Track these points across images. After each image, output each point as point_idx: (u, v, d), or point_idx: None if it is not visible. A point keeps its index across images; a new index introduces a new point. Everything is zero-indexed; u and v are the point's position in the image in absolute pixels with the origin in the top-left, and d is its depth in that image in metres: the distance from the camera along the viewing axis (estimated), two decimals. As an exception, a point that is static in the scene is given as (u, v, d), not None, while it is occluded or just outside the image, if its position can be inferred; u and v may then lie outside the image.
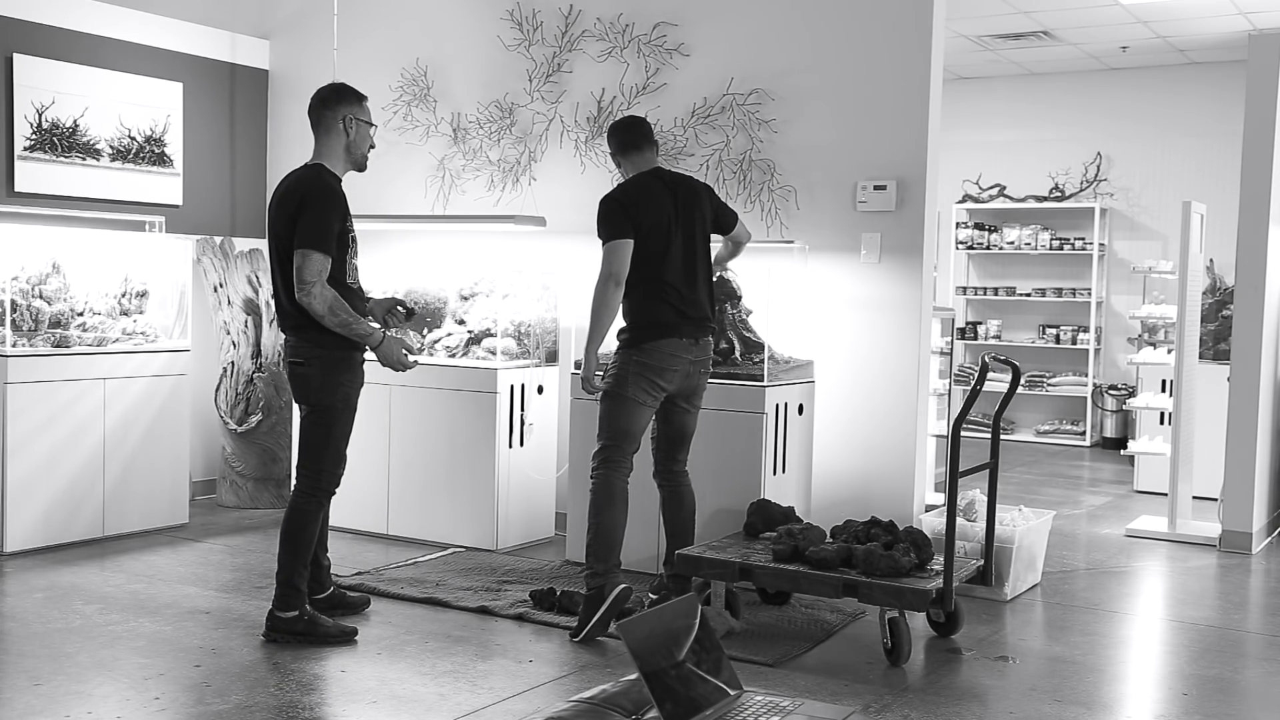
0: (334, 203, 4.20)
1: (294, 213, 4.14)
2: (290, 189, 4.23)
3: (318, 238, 4.11)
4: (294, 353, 4.27)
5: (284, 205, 4.20)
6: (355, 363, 4.34)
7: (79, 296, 6.00)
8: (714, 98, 5.85)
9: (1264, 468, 6.53)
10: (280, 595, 4.31)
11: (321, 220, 4.13)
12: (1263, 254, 6.34)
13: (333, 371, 4.26)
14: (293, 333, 4.26)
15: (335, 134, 4.31)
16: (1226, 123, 8.94)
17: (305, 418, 4.32)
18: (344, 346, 4.26)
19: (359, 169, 4.42)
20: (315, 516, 4.34)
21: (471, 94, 6.54)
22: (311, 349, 4.23)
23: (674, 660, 2.44)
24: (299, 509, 4.32)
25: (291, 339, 4.27)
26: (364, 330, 4.24)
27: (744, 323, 5.41)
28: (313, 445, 4.30)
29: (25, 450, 5.51)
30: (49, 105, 6.12)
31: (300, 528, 4.30)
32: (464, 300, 6.31)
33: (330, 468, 4.32)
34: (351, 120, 4.34)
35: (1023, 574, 5.22)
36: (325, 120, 4.32)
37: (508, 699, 3.80)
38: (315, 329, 4.19)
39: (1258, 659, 4.53)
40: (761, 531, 4.81)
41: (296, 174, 4.29)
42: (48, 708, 3.60)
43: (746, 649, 4.26)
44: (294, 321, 4.23)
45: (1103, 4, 7.70)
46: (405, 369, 4.45)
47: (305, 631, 4.26)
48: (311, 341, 4.22)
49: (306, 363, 4.24)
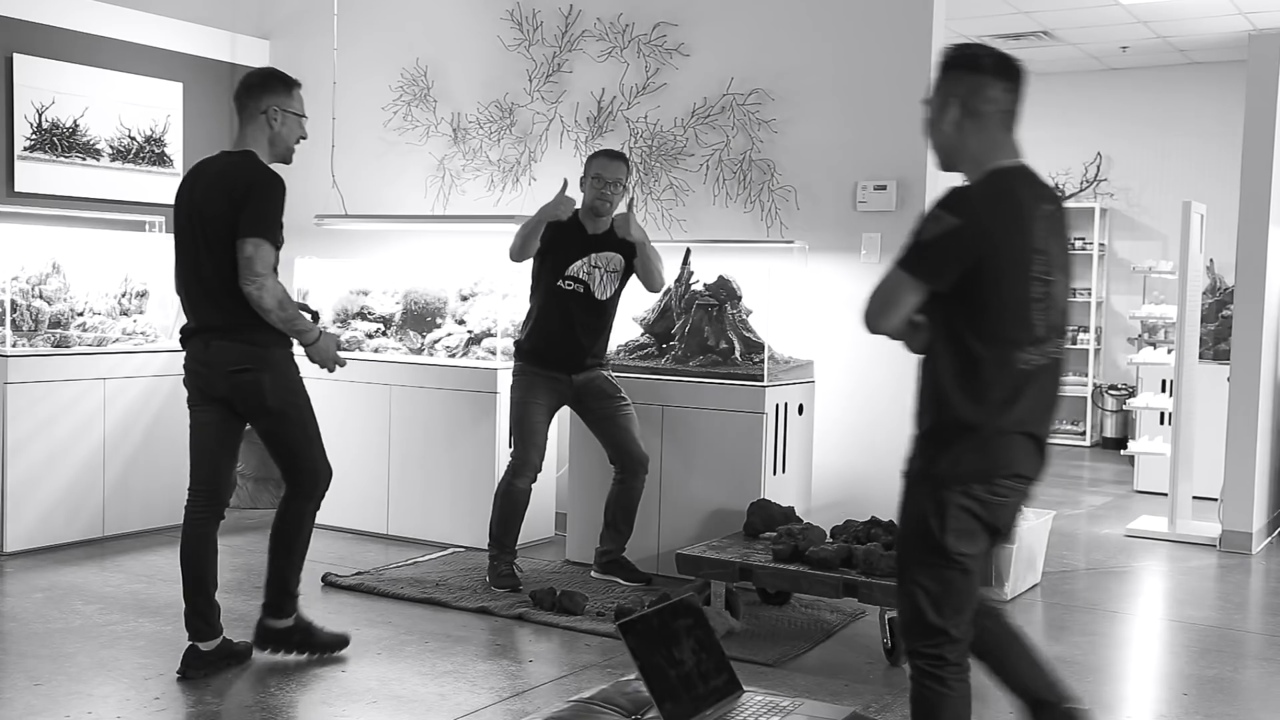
0: (282, 192, 3.85)
1: (239, 199, 3.77)
2: (228, 174, 3.85)
3: (269, 227, 3.78)
4: (233, 360, 3.85)
5: (222, 189, 3.81)
6: (293, 360, 4.01)
7: (79, 296, 6.00)
8: (714, 98, 5.85)
9: (1264, 468, 6.53)
10: (277, 604, 4.08)
11: (274, 209, 3.81)
12: (1263, 254, 6.34)
13: (284, 371, 3.94)
14: (225, 335, 3.85)
15: (258, 124, 3.92)
16: (1226, 123, 8.93)
17: (273, 426, 3.97)
18: (283, 345, 3.93)
19: (282, 161, 4.01)
20: (313, 518, 4.14)
21: (471, 94, 6.54)
22: (256, 352, 3.86)
23: (674, 660, 2.44)
24: (298, 514, 4.09)
25: (224, 343, 3.85)
26: (304, 327, 3.92)
27: (744, 323, 5.41)
28: (294, 449, 4.03)
29: (25, 450, 5.50)
30: (49, 105, 6.12)
31: (298, 530, 4.10)
32: (464, 300, 6.31)
33: (321, 461, 4.09)
34: (277, 112, 3.92)
35: (1023, 574, 5.22)
36: (248, 109, 3.94)
37: (508, 699, 3.80)
38: (253, 329, 3.82)
39: (1258, 659, 4.53)
40: (761, 531, 4.81)
41: (229, 159, 3.92)
42: (48, 708, 3.60)
43: (746, 649, 4.26)
44: (229, 320, 3.83)
45: (1103, 4, 7.69)
46: (338, 367, 4.10)
47: (300, 642, 4.10)
48: (254, 343, 3.85)
49: (254, 368, 3.86)
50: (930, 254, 2.59)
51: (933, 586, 2.61)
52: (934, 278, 2.59)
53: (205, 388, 3.93)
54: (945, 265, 2.58)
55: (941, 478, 2.61)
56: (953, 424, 2.63)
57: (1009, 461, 2.64)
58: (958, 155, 2.71)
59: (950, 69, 2.72)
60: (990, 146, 2.68)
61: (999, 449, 2.63)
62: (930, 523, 2.59)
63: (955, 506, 2.58)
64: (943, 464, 2.62)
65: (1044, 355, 2.67)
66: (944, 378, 2.64)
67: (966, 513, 2.59)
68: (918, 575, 2.63)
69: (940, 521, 2.58)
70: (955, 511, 2.58)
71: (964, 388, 2.62)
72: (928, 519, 2.59)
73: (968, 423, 2.61)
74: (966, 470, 2.60)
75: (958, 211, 2.58)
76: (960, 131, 2.69)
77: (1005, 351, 2.61)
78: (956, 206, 2.59)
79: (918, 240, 2.61)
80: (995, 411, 2.61)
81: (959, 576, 2.61)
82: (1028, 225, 2.62)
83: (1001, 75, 2.68)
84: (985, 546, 2.67)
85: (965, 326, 2.60)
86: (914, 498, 2.65)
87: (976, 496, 2.60)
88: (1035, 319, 2.63)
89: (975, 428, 2.61)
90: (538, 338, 5.08)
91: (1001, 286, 2.60)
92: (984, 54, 2.71)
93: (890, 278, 2.63)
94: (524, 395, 5.06)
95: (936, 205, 2.61)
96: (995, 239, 2.58)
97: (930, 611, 2.61)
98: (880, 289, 2.65)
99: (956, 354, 2.62)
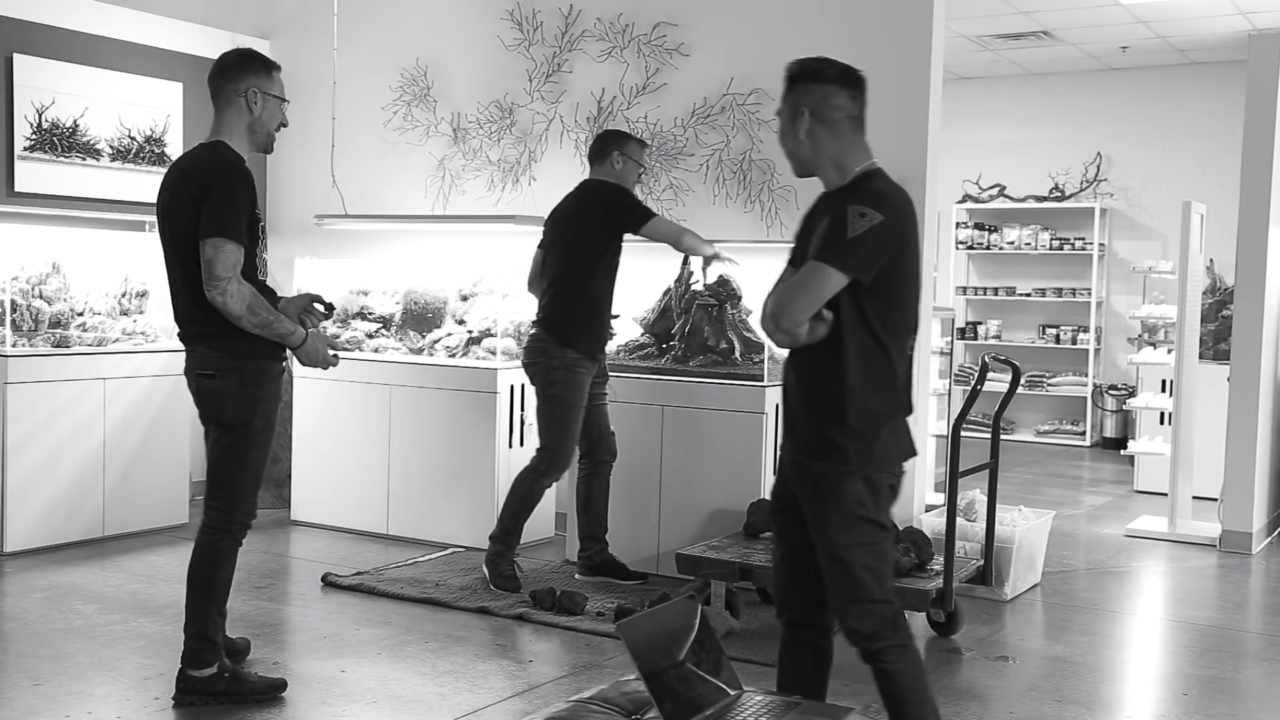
0: (244, 184, 3.59)
1: (198, 197, 3.53)
2: (188, 171, 3.64)
3: (228, 225, 3.51)
4: (201, 364, 3.66)
5: (183, 189, 3.59)
6: (274, 374, 3.72)
7: (79, 296, 6.00)
8: (714, 98, 5.85)
9: (1264, 468, 6.53)
10: (193, 652, 3.68)
11: (231, 205, 3.53)
12: (1263, 254, 6.34)
13: (250, 385, 3.65)
14: (199, 341, 3.66)
15: (236, 108, 3.66)
16: (1226, 123, 8.93)
17: (217, 440, 3.69)
18: (261, 355, 3.66)
19: (263, 150, 3.79)
20: (232, 556, 3.73)
21: (471, 94, 6.54)
22: (223, 359, 3.62)
23: (674, 660, 2.44)
24: (213, 548, 3.70)
25: (199, 349, 3.66)
26: (285, 329, 3.64)
27: (744, 323, 5.41)
28: (227, 472, 3.69)
29: (25, 450, 5.50)
30: (49, 105, 6.12)
31: (215, 570, 3.70)
32: (464, 300, 6.31)
33: (246, 497, 3.71)
34: (255, 94, 3.66)
35: (1023, 574, 5.22)
36: (224, 91, 3.67)
37: (508, 699, 3.80)
38: (226, 336, 3.60)
39: (1258, 659, 4.53)
40: (761, 531, 4.81)
41: (193, 153, 3.70)
42: (48, 708, 3.61)
43: (746, 649, 4.26)
44: (200, 328, 3.64)
45: (1103, 4, 7.69)
46: (330, 367, 3.88)
47: (227, 690, 3.69)
48: (223, 351, 3.62)
49: (219, 375, 3.63)
50: (861, 248, 2.74)
51: (872, 562, 2.82)
52: (863, 271, 2.75)
53: (191, 394, 3.76)
54: (874, 259, 2.75)
55: (875, 463, 2.81)
56: (866, 413, 2.81)
57: (910, 443, 2.92)
58: (814, 161, 2.92)
59: (797, 81, 2.96)
60: (848, 149, 2.89)
61: (905, 432, 2.89)
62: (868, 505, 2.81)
63: (885, 486, 2.84)
64: (875, 451, 2.80)
65: (913, 348, 2.93)
66: (850, 369, 2.80)
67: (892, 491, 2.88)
68: (862, 557, 2.81)
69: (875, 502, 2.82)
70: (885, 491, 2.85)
71: (869, 377, 2.81)
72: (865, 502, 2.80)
73: (877, 410, 2.82)
74: (893, 453, 2.84)
75: (881, 208, 2.76)
76: (813, 138, 2.89)
77: (902, 342, 2.86)
78: (879, 204, 2.77)
79: (846, 236, 2.74)
80: (901, 398, 2.87)
81: (891, 546, 2.91)
82: (914, 221, 2.87)
83: (846, 84, 2.92)
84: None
85: (875, 318, 2.79)
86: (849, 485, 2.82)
87: (896, 474, 2.88)
88: (914, 311, 2.90)
89: (889, 414, 2.84)
90: (601, 327, 5.03)
91: (907, 278, 2.84)
92: (825, 65, 2.96)
93: (813, 273, 2.75)
94: (575, 395, 4.94)
95: (854, 203, 2.77)
96: (906, 234, 2.82)
97: (874, 587, 2.82)
98: (799, 285, 2.77)
99: (862, 344, 2.80)
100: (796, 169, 2.99)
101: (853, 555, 2.80)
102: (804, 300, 2.75)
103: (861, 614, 2.82)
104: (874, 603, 2.82)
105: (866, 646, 2.85)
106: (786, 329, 2.78)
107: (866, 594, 2.81)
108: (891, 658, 2.84)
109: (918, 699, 2.87)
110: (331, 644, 4.32)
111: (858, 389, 2.78)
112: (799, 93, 2.95)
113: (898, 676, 2.85)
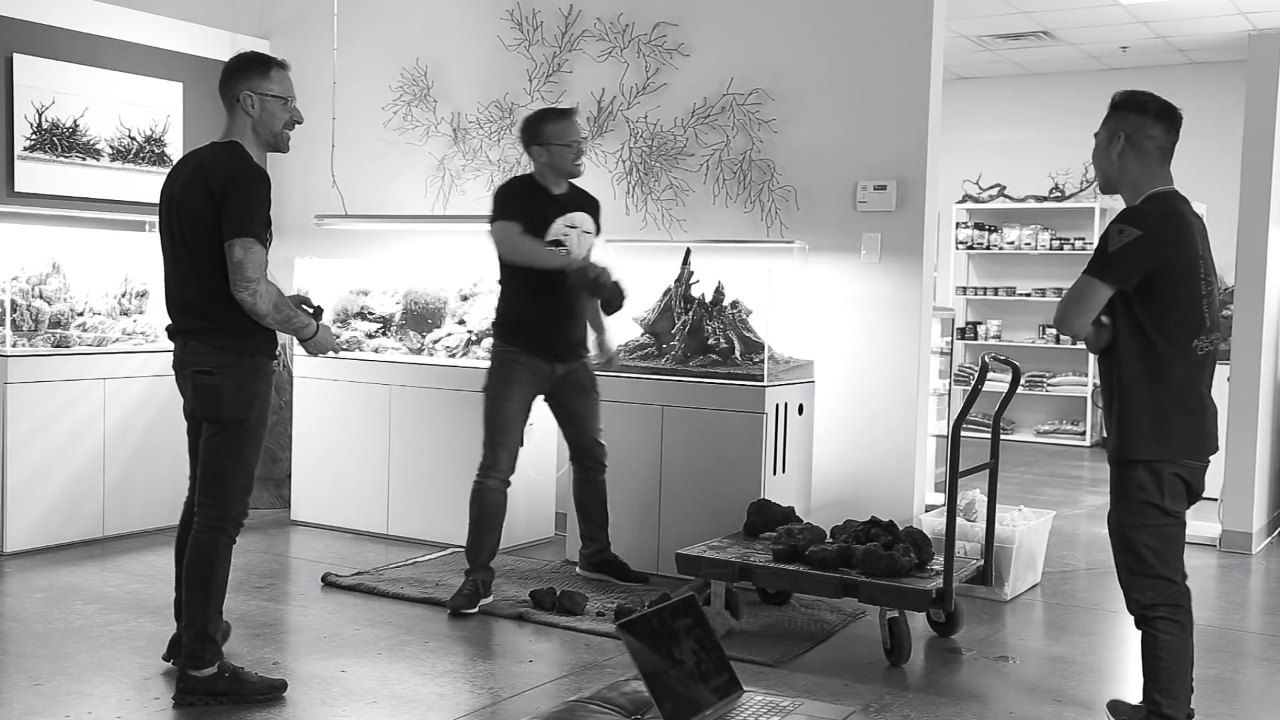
0: (267, 186, 3.66)
1: (219, 195, 3.56)
2: (207, 166, 3.63)
3: (256, 226, 3.58)
4: (199, 360, 3.68)
5: (199, 183, 3.60)
6: (268, 372, 3.78)
7: (79, 296, 6.00)
8: (714, 98, 5.85)
9: (1264, 468, 6.53)
10: (193, 652, 3.68)
11: (259, 205, 3.61)
12: (1263, 254, 6.34)
13: (247, 381, 3.70)
14: (198, 337, 3.69)
15: (238, 113, 3.70)
16: (1226, 123, 8.92)
17: (211, 437, 3.72)
18: (258, 353, 3.73)
19: (274, 149, 3.80)
20: (227, 554, 3.76)
21: (471, 94, 6.54)
22: (222, 356, 3.66)
23: (674, 660, 2.44)
24: (209, 547, 3.71)
25: (195, 344, 3.70)
26: (301, 323, 3.76)
27: (744, 323, 5.41)
28: (221, 469, 3.71)
29: (25, 450, 5.51)
30: (49, 105, 6.12)
31: (212, 570, 3.72)
32: (464, 300, 6.31)
33: (240, 494, 3.74)
34: (250, 97, 3.68)
35: (1023, 574, 5.22)
36: (227, 98, 3.73)
37: (508, 699, 3.80)
38: (227, 333, 3.66)
39: (1258, 659, 4.53)
40: (761, 531, 4.81)
41: (211, 150, 3.71)
42: (48, 708, 3.61)
43: (746, 649, 4.26)
44: (201, 323, 3.68)
45: (1103, 4, 7.69)
46: (340, 351, 4.12)
47: (227, 690, 3.69)
48: (222, 348, 3.67)
49: (216, 372, 3.66)
50: (1117, 261, 3.24)
51: (1154, 543, 3.34)
52: (1125, 280, 3.25)
53: (181, 389, 3.82)
54: (1133, 270, 3.23)
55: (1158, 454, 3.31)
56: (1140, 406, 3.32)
57: (1207, 435, 3.39)
58: (1118, 180, 3.41)
59: (1119, 109, 3.42)
60: (1149, 175, 3.39)
61: (1195, 430, 3.35)
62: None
63: (1170, 474, 3.32)
64: (1155, 442, 3.31)
65: (1210, 342, 3.35)
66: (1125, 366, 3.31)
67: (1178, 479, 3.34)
68: (1142, 536, 3.34)
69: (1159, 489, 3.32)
70: (1170, 479, 3.33)
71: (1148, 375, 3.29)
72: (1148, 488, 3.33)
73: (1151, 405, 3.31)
74: (1178, 446, 3.32)
75: (1141, 225, 3.25)
76: (1123, 161, 3.38)
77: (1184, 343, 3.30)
78: (1139, 222, 3.26)
79: (1107, 251, 3.25)
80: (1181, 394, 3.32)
81: (1178, 531, 3.38)
82: (1191, 236, 3.31)
83: (1162, 118, 3.42)
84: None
85: (1148, 322, 3.27)
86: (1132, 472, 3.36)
87: (1186, 465, 3.34)
88: (1203, 313, 3.31)
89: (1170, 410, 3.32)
90: (520, 312, 4.84)
91: (1177, 282, 3.27)
92: (1149, 99, 3.45)
93: (1079, 284, 3.29)
94: (500, 388, 4.81)
95: (1117, 221, 3.28)
96: (1165, 247, 3.25)
97: (1158, 565, 3.34)
98: (1070, 295, 3.32)
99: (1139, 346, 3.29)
100: (1102, 185, 3.49)
101: (1134, 535, 3.37)
102: (1075, 309, 3.30)
103: (1142, 586, 3.36)
104: (1156, 577, 3.34)
105: (1142, 614, 3.36)
106: (1067, 334, 3.37)
107: (1148, 569, 3.35)
108: (1162, 628, 3.33)
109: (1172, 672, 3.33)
110: (331, 644, 4.33)
111: (1129, 386, 3.30)
112: (1119, 119, 3.42)
113: (1162, 645, 3.33)
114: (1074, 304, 3.29)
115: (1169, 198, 3.37)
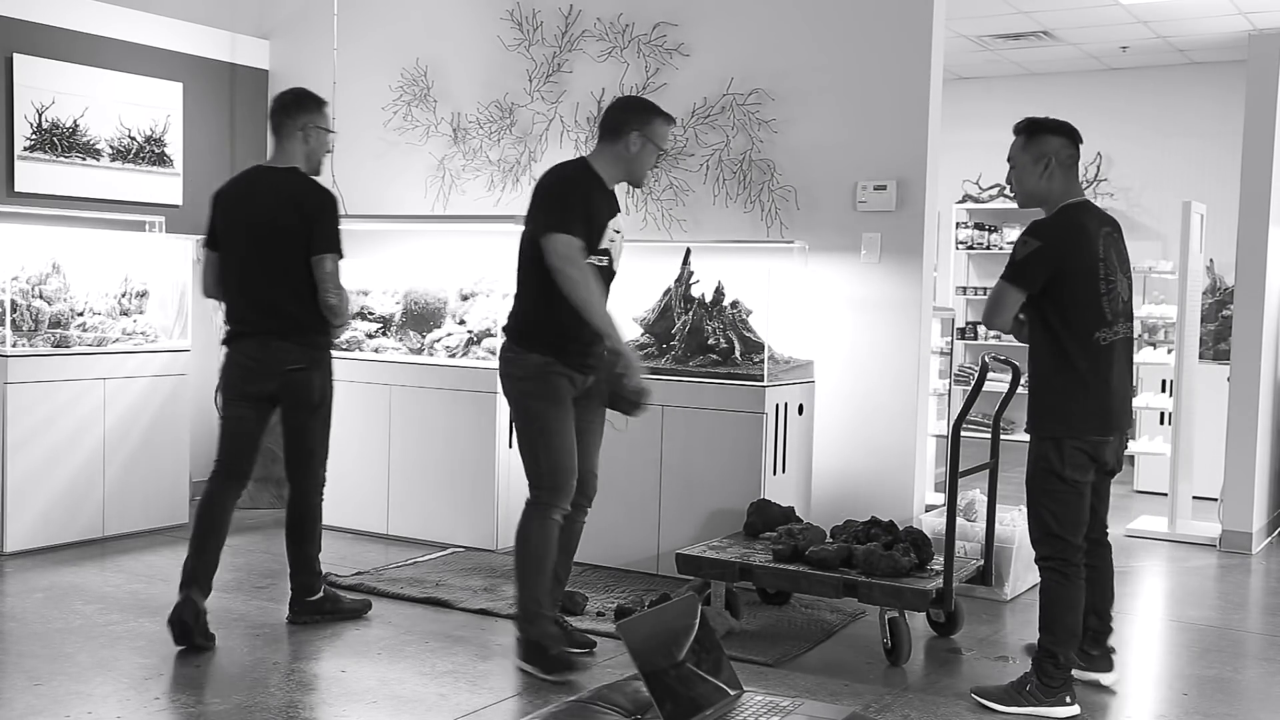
0: (339, 209, 4.41)
1: (313, 215, 4.27)
2: (297, 190, 4.33)
3: (340, 244, 4.32)
4: (292, 359, 4.34)
5: (290, 203, 4.29)
6: (332, 362, 4.58)
7: (79, 296, 6.00)
8: (714, 98, 5.85)
9: (1264, 468, 6.53)
10: (307, 584, 4.54)
11: (338, 225, 4.34)
12: (1263, 254, 6.34)
13: (328, 371, 4.48)
14: (292, 337, 4.34)
15: (296, 141, 4.40)
16: (1226, 123, 8.93)
17: (308, 420, 4.45)
18: (331, 348, 4.50)
19: (314, 173, 4.48)
20: (319, 507, 4.57)
21: (471, 94, 6.54)
22: (310, 352, 4.37)
23: (674, 660, 2.44)
24: (311, 505, 4.54)
25: (283, 344, 4.33)
26: (348, 317, 4.55)
27: (744, 323, 5.41)
28: (315, 444, 4.50)
29: (25, 450, 5.50)
30: (49, 105, 6.12)
31: (314, 520, 4.55)
32: (464, 300, 6.31)
33: (324, 461, 4.57)
34: (311, 129, 4.42)
35: (1023, 574, 5.22)
36: (285, 127, 4.40)
37: (508, 699, 3.80)
38: (315, 331, 4.37)
39: (1258, 659, 4.53)
40: (761, 531, 4.81)
41: (288, 176, 4.38)
42: (48, 708, 3.60)
43: (746, 649, 4.26)
44: (289, 322, 4.33)
45: (1103, 4, 7.69)
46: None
47: (332, 610, 4.56)
48: (313, 345, 4.38)
49: (308, 367, 4.37)
50: (1025, 268, 3.72)
51: (1053, 506, 3.77)
52: (1031, 285, 3.72)
53: (249, 384, 4.34)
54: (1038, 275, 3.69)
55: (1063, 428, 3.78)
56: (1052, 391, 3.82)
57: (1109, 414, 3.81)
58: (1044, 197, 3.82)
59: (1039, 134, 3.85)
60: (1068, 187, 3.81)
61: (1100, 410, 3.80)
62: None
63: (1071, 448, 3.77)
64: (1059, 421, 3.77)
65: (1114, 333, 3.77)
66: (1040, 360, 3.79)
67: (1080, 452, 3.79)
68: (1043, 500, 3.78)
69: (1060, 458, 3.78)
70: (1071, 452, 3.77)
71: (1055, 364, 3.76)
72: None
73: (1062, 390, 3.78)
74: (1081, 425, 3.77)
75: (1040, 236, 3.72)
76: (1050, 180, 3.80)
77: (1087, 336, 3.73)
78: (1038, 233, 3.73)
79: (1015, 259, 3.73)
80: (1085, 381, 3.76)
81: (1075, 498, 3.80)
82: (1088, 243, 3.72)
83: (1074, 136, 3.84)
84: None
85: (1054, 318, 3.72)
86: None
87: (1090, 440, 3.79)
88: (1104, 308, 3.73)
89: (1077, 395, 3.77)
90: (556, 317, 3.96)
91: (1076, 288, 3.71)
92: (1059, 123, 3.89)
93: (996, 288, 3.78)
94: (552, 407, 4.04)
95: (1023, 233, 3.77)
96: (1064, 253, 3.71)
97: (1054, 525, 3.77)
98: (990, 298, 3.82)
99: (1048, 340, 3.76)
100: (1023, 202, 3.91)
101: (1036, 498, 3.83)
102: (994, 310, 3.80)
103: (1041, 546, 3.82)
104: (1053, 538, 3.79)
105: (1038, 565, 3.83)
106: (993, 330, 3.99)
107: (1047, 529, 3.79)
108: (1051, 579, 3.79)
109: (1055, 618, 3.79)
110: (331, 644, 4.33)
111: (1041, 372, 3.80)
112: (1042, 143, 3.84)
113: (1048, 592, 3.81)
114: (993, 306, 3.81)
115: (1077, 210, 3.79)
